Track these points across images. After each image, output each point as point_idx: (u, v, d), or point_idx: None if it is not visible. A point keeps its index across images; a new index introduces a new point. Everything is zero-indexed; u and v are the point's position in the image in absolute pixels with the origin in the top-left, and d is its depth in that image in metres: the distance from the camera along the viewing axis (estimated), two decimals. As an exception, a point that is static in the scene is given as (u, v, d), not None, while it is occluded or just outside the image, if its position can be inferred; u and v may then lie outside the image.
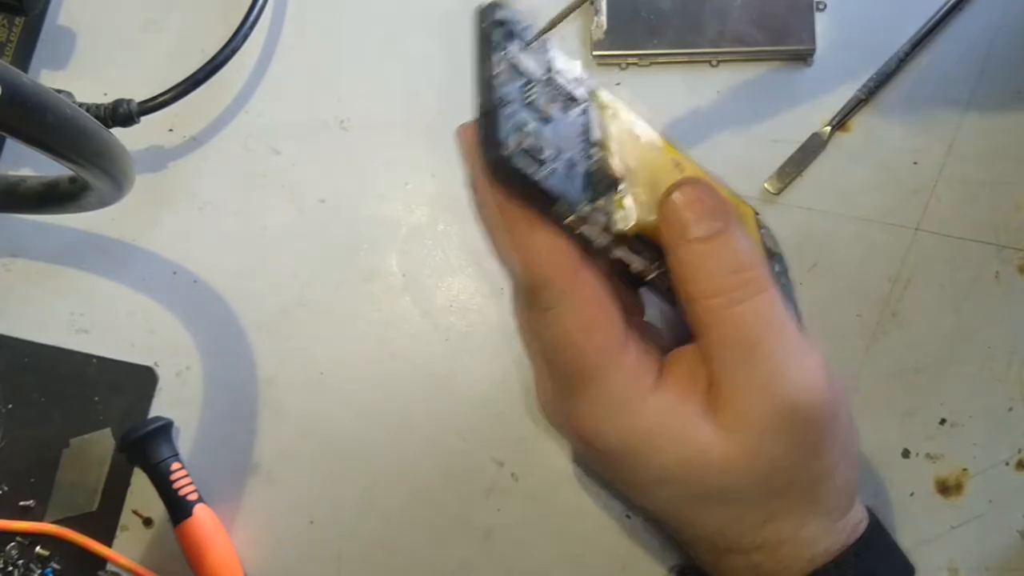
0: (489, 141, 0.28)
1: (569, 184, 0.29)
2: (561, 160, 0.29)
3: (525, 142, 0.28)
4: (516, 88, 0.29)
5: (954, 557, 0.39)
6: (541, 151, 0.28)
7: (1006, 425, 0.40)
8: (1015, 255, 0.41)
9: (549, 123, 0.30)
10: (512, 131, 0.28)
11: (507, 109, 0.28)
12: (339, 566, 0.40)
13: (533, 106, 0.29)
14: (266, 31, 0.45)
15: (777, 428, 0.30)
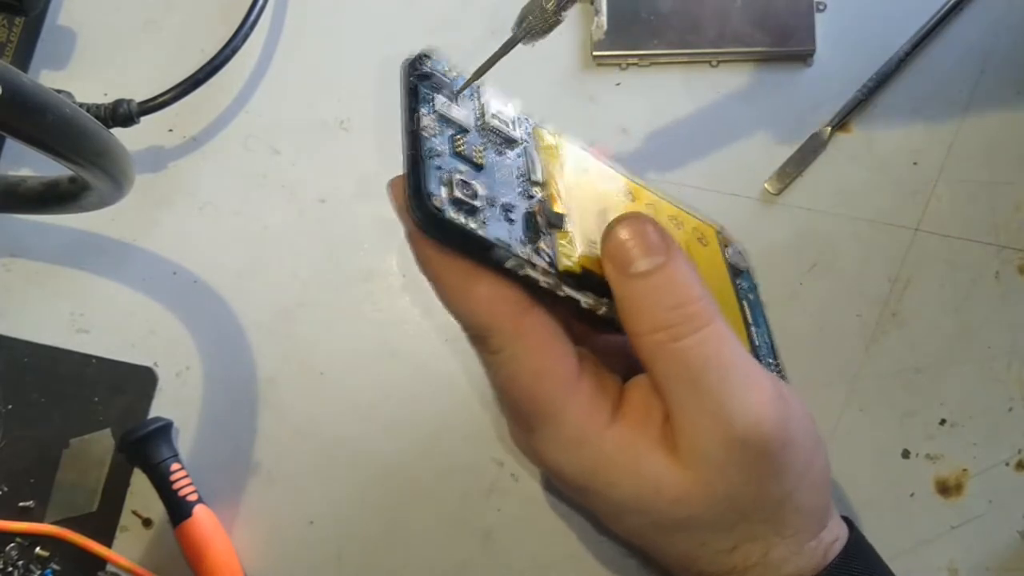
0: (417, 195, 0.28)
1: (506, 228, 0.29)
2: (497, 205, 0.29)
3: (455, 192, 0.28)
4: (445, 139, 0.30)
5: (954, 557, 0.39)
6: (473, 199, 0.28)
7: (1006, 425, 0.40)
8: (1015, 255, 0.41)
9: (482, 170, 0.30)
10: (440, 183, 0.28)
11: (434, 161, 0.29)
12: (339, 566, 0.40)
13: (463, 155, 0.30)
14: (266, 31, 0.45)
15: (729, 460, 0.30)
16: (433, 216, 0.28)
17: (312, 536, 0.40)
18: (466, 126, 0.31)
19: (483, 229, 0.28)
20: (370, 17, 0.45)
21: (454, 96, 0.31)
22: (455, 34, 0.45)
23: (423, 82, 0.30)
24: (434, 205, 0.27)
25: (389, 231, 0.43)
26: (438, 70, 0.31)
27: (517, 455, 0.40)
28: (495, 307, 0.30)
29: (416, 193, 0.28)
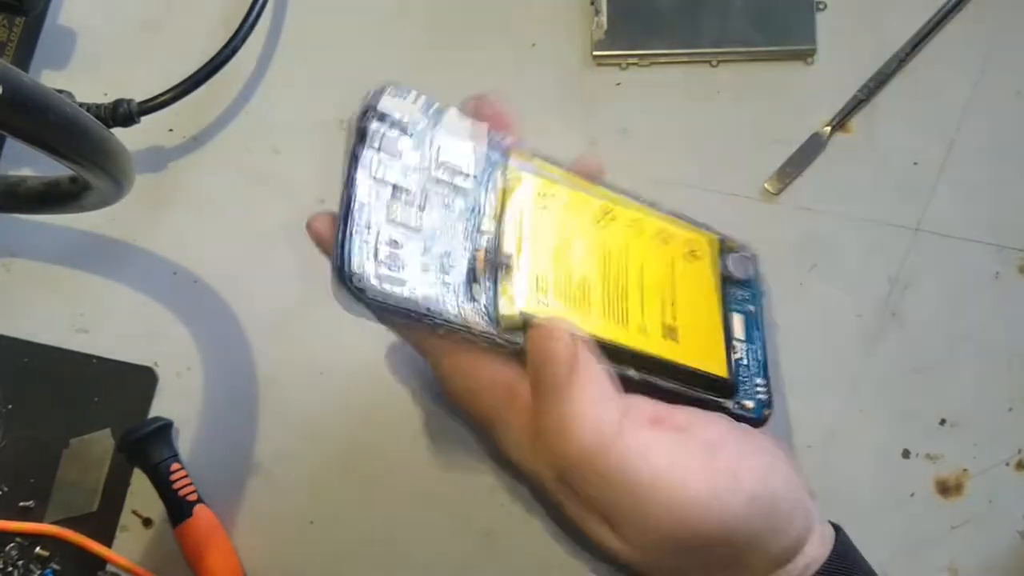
0: (342, 272, 0.28)
1: (440, 288, 0.29)
2: (433, 264, 0.29)
3: (380, 269, 0.28)
4: (381, 205, 0.29)
5: (954, 557, 0.39)
6: (400, 270, 0.28)
7: (1006, 425, 0.40)
8: (1015, 255, 0.41)
9: (419, 231, 0.29)
10: (365, 259, 0.28)
11: (362, 236, 0.28)
12: (339, 566, 0.40)
13: (398, 221, 0.29)
14: (266, 31, 0.45)
15: (665, 550, 0.31)
16: (358, 293, 0.28)
17: (312, 536, 0.40)
18: (406, 185, 0.30)
19: (412, 295, 0.28)
20: (370, 17, 0.45)
21: (410, 136, 0.30)
22: (456, 34, 0.45)
23: (368, 139, 0.29)
24: (355, 286, 0.28)
25: (389, 231, 0.43)
26: (391, 115, 0.30)
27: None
28: (452, 359, 0.30)
29: (338, 271, 0.28)
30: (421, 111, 0.30)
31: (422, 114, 0.30)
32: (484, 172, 0.31)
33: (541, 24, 0.44)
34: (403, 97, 0.30)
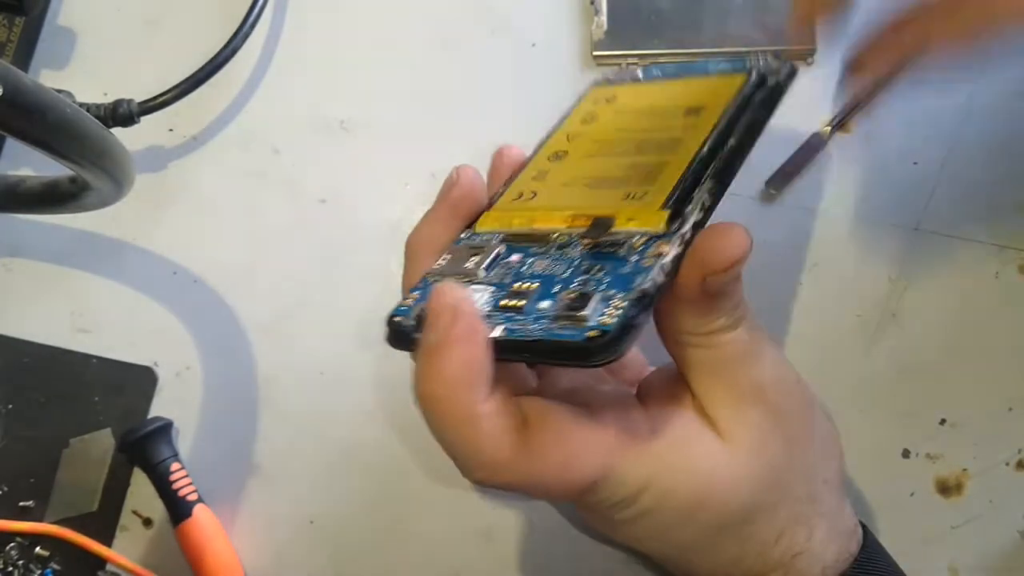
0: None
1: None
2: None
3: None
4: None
5: (954, 557, 0.39)
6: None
7: (1006, 425, 0.40)
8: (1015, 255, 0.41)
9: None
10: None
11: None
12: (339, 566, 0.40)
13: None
14: (266, 31, 0.45)
15: (765, 426, 0.31)
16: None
17: (312, 536, 0.40)
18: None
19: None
20: (370, 17, 0.45)
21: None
22: (456, 34, 0.45)
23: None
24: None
25: (389, 231, 0.43)
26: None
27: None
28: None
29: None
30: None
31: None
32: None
33: (541, 24, 0.44)
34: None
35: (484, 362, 0.28)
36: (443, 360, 0.28)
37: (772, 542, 0.31)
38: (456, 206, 0.34)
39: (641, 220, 0.31)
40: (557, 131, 0.37)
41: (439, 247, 0.33)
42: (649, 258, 0.29)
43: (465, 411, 0.28)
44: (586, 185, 0.34)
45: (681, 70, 0.39)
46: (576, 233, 0.31)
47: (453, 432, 0.29)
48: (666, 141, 0.34)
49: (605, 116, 0.37)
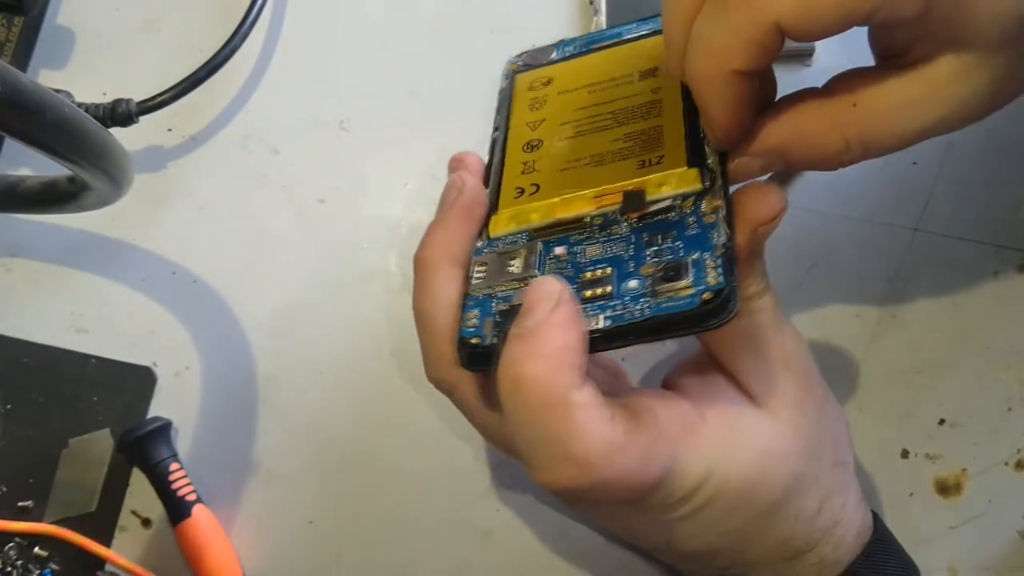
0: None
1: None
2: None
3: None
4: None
5: (954, 557, 0.39)
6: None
7: (1006, 425, 0.40)
8: (1015, 255, 0.41)
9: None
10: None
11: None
12: (339, 566, 0.40)
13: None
14: (266, 31, 0.45)
15: (800, 396, 0.32)
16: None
17: (312, 536, 0.40)
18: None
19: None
20: (370, 17, 0.45)
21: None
22: (455, 33, 0.45)
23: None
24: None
25: (389, 231, 0.43)
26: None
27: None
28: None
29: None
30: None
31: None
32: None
33: (541, 24, 0.44)
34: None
35: (581, 352, 0.27)
36: (540, 342, 0.26)
37: (815, 514, 0.32)
38: (468, 211, 0.33)
39: (673, 183, 0.31)
40: (509, 125, 0.36)
41: (456, 256, 0.32)
42: (708, 215, 0.29)
43: (560, 395, 0.26)
44: (587, 165, 0.33)
45: (594, 40, 0.39)
46: (611, 211, 0.31)
47: (544, 420, 0.26)
48: (644, 106, 0.34)
49: (553, 99, 0.37)
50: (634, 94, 0.35)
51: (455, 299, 0.31)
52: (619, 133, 0.34)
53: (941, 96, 0.28)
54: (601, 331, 0.28)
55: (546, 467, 0.27)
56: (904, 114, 0.29)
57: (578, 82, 0.37)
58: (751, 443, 0.30)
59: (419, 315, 0.32)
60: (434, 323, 0.31)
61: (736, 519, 0.31)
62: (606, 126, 0.34)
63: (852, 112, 0.29)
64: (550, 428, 0.26)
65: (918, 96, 0.28)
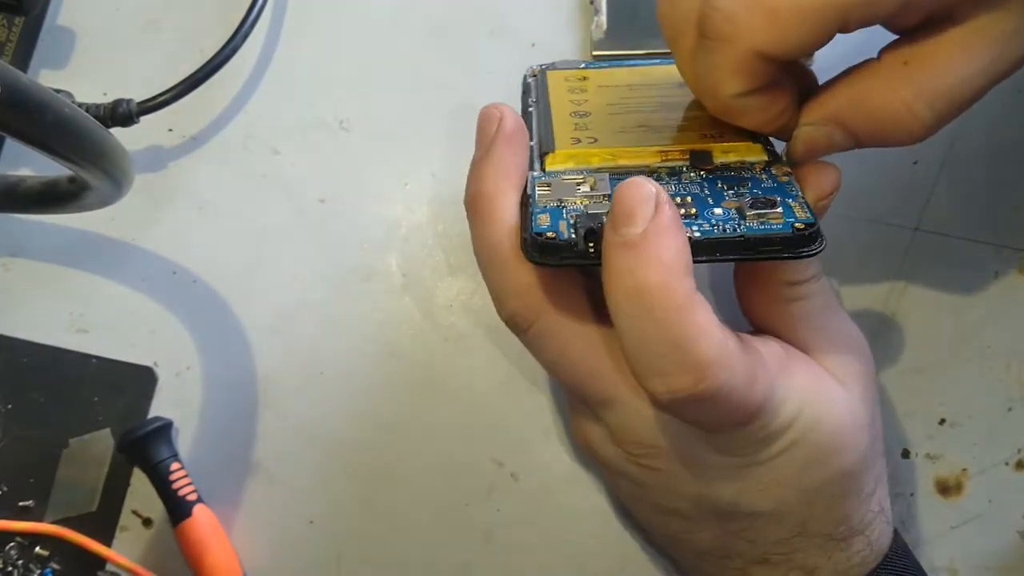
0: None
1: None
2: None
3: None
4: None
5: (954, 557, 0.39)
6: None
7: (1006, 425, 0.40)
8: (1015, 255, 0.41)
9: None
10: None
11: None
12: (339, 566, 0.40)
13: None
14: (266, 31, 0.45)
15: (859, 367, 0.32)
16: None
17: (312, 536, 0.40)
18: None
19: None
20: (370, 17, 0.45)
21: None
22: (456, 33, 0.45)
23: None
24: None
25: (389, 231, 0.43)
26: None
27: (517, 455, 0.40)
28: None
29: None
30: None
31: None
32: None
33: (541, 24, 0.44)
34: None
35: (690, 255, 0.27)
36: (656, 247, 0.26)
37: (871, 494, 0.32)
38: (512, 139, 0.32)
39: (740, 153, 0.31)
40: (549, 100, 0.36)
41: (514, 183, 0.31)
42: (781, 176, 0.30)
43: (685, 297, 0.26)
44: (646, 131, 0.33)
45: (624, 64, 0.39)
46: (679, 166, 0.31)
47: (668, 325, 0.26)
48: (690, 104, 0.34)
49: (593, 90, 0.36)
50: (676, 95, 0.35)
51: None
52: (671, 116, 0.33)
53: (991, 34, 0.28)
54: (694, 240, 0.27)
55: (665, 375, 0.26)
56: (957, 59, 0.28)
57: (617, 81, 0.37)
58: (839, 402, 0.31)
59: (487, 250, 0.31)
60: (505, 252, 0.30)
61: (814, 475, 0.30)
62: (656, 110, 0.34)
63: (904, 70, 0.29)
64: (673, 333, 0.26)
65: (967, 38, 0.28)
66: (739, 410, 0.28)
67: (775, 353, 0.30)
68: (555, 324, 0.30)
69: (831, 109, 0.30)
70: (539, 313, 0.30)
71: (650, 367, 0.27)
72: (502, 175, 0.31)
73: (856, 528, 0.32)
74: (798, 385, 0.30)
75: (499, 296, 0.31)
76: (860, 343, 0.33)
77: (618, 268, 0.26)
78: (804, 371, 0.31)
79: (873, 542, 0.32)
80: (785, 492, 0.30)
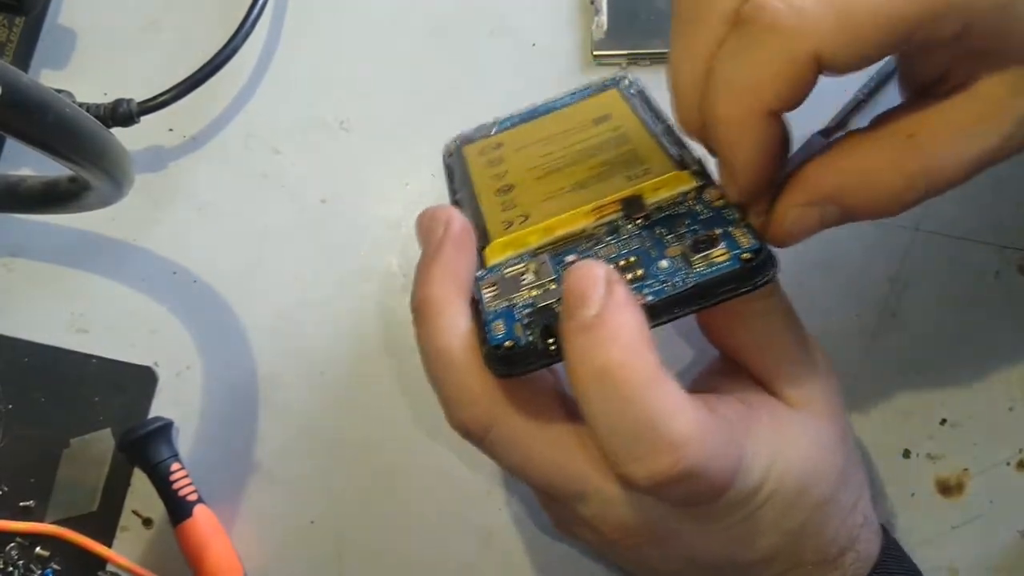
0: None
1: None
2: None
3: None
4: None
5: (954, 557, 0.39)
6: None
7: (1006, 425, 0.40)
8: (1015, 255, 0.41)
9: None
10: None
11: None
12: (339, 566, 0.40)
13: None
14: (266, 31, 0.45)
15: (825, 390, 0.32)
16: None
17: (312, 536, 0.40)
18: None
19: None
20: (370, 17, 0.45)
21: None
22: (456, 33, 0.45)
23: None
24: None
25: (389, 231, 0.43)
26: None
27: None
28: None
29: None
30: None
31: None
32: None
33: (541, 24, 0.44)
34: None
35: (648, 327, 0.26)
36: (613, 327, 0.25)
37: (852, 509, 0.31)
38: (460, 241, 0.31)
39: (669, 186, 0.30)
40: (472, 182, 0.35)
41: (461, 286, 0.30)
42: (715, 201, 0.29)
43: (651, 373, 0.25)
44: (571, 191, 0.32)
45: (531, 114, 0.38)
46: (613, 219, 0.30)
47: (637, 405, 0.25)
48: (608, 141, 0.34)
49: (510, 156, 0.36)
50: (594, 135, 0.34)
51: (471, 329, 0.29)
52: (593, 162, 0.33)
53: (1002, 112, 0.27)
54: (648, 306, 0.26)
55: (643, 458, 0.25)
56: (966, 137, 0.27)
57: (531, 139, 0.36)
58: (802, 439, 0.30)
59: (434, 356, 0.29)
60: (453, 359, 0.29)
61: (797, 515, 0.30)
62: (577, 161, 0.34)
63: (910, 144, 0.27)
64: (644, 412, 0.25)
65: (978, 115, 0.27)
66: (717, 482, 0.27)
67: (737, 412, 0.29)
68: (515, 429, 0.29)
69: (829, 187, 0.28)
70: (496, 420, 0.29)
71: (625, 452, 0.26)
72: (450, 278, 0.30)
73: (845, 545, 0.31)
74: (764, 439, 0.29)
75: (450, 405, 0.30)
76: (821, 359, 0.32)
77: (579, 354, 0.26)
78: (767, 421, 0.30)
79: (861, 552, 0.32)
80: (771, 539, 0.30)
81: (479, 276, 0.31)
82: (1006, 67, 0.26)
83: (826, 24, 0.24)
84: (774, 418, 0.30)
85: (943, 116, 0.27)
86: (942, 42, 0.25)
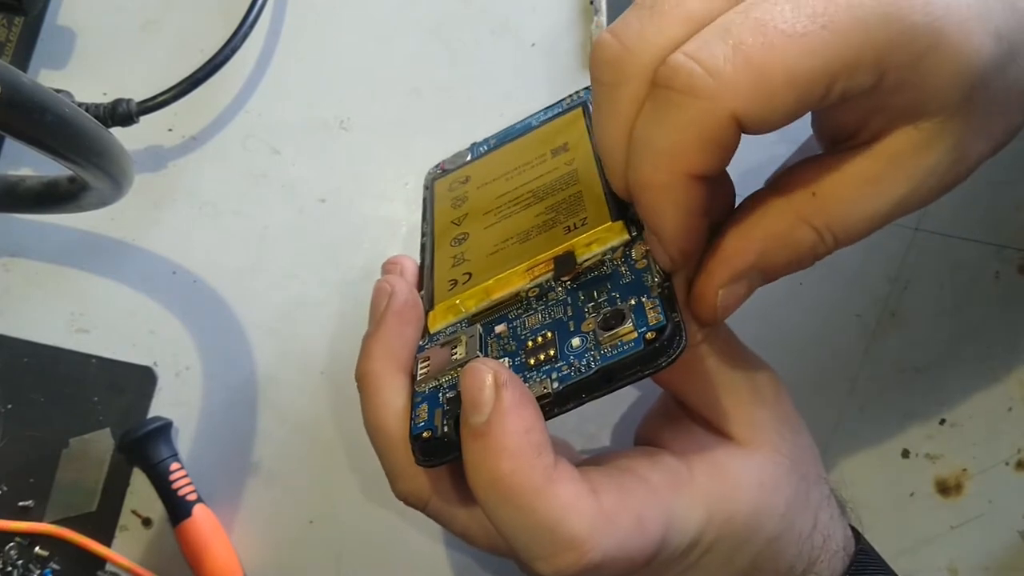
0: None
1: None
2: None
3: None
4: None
5: (954, 557, 0.39)
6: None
7: (1006, 425, 0.40)
8: (1015, 255, 0.41)
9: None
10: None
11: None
12: (339, 566, 0.40)
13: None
14: (266, 31, 0.45)
15: (774, 421, 0.31)
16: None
17: (312, 536, 0.40)
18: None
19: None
20: (370, 17, 0.45)
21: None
22: (456, 33, 0.45)
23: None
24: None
25: (389, 231, 0.43)
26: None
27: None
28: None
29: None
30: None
31: None
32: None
33: (541, 24, 0.44)
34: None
35: (542, 427, 0.26)
36: (500, 434, 0.25)
37: (811, 531, 0.31)
38: (401, 314, 0.31)
39: (601, 239, 0.30)
40: (433, 228, 0.36)
41: (399, 362, 0.31)
42: (639, 260, 0.29)
43: (540, 479, 0.25)
44: (515, 244, 0.33)
45: (506, 135, 0.39)
46: (545, 280, 0.30)
47: (530, 511, 0.25)
48: (561, 179, 0.34)
49: (474, 193, 0.37)
50: (549, 171, 0.35)
51: (406, 407, 0.29)
52: (541, 208, 0.33)
53: (904, 170, 0.26)
54: (551, 395, 0.27)
55: (547, 558, 0.26)
56: (867, 194, 0.27)
57: (495, 173, 0.37)
58: (744, 481, 0.30)
59: (374, 431, 0.30)
60: (391, 436, 0.29)
61: (745, 556, 0.30)
62: (528, 204, 0.34)
63: (813, 202, 0.27)
64: (537, 518, 0.25)
65: (879, 173, 0.26)
66: (637, 557, 0.27)
67: (668, 470, 0.29)
68: (450, 504, 0.30)
69: (752, 256, 0.28)
70: (432, 495, 0.30)
71: (529, 552, 0.26)
72: (388, 354, 0.30)
73: (805, 568, 0.31)
74: (702, 492, 0.29)
75: (390, 478, 0.30)
76: (769, 389, 0.31)
77: (472, 461, 0.26)
78: (705, 472, 0.30)
79: (823, 570, 0.31)
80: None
81: (421, 345, 0.32)
82: (917, 121, 0.26)
83: (743, 85, 0.24)
84: (714, 464, 0.30)
85: (844, 173, 0.27)
86: (859, 95, 0.25)
